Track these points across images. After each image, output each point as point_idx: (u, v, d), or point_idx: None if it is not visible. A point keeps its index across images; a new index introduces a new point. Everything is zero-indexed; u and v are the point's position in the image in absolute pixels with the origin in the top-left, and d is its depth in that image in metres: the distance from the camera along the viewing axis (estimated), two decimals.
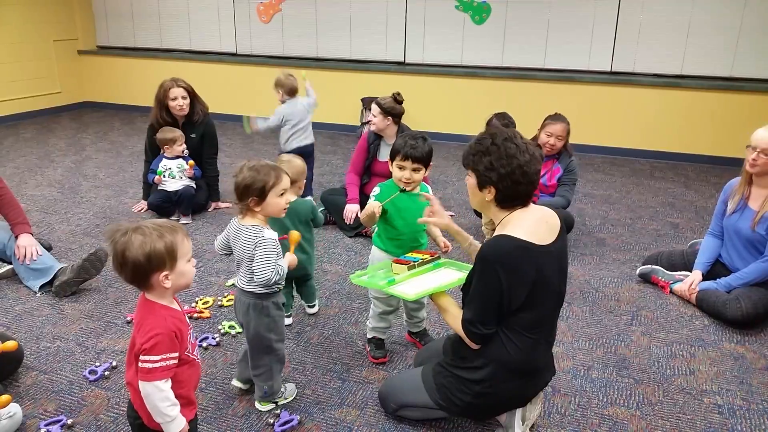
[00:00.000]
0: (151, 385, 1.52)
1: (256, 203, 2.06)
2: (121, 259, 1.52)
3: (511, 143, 1.89)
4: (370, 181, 4.12)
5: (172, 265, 1.55)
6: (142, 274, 1.54)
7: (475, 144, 1.96)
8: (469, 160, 1.97)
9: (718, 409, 2.34)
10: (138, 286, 1.58)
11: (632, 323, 2.96)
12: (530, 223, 1.90)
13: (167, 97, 4.13)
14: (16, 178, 5.07)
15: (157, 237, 1.52)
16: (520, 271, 1.83)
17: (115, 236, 1.53)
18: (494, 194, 1.91)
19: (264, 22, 7.09)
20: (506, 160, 1.86)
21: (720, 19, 5.61)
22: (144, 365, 1.52)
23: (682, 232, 4.17)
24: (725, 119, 5.76)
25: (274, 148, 6.23)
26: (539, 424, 2.22)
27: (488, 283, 1.84)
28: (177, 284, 1.59)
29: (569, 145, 3.83)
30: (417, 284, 2.17)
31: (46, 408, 2.27)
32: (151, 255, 1.51)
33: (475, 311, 1.90)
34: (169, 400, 1.55)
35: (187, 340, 1.61)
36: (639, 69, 5.96)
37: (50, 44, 7.59)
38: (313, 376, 2.50)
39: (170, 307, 1.61)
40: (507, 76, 6.30)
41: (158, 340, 1.51)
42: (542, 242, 1.88)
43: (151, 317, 1.56)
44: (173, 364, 1.55)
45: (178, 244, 1.55)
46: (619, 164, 5.93)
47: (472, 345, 1.95)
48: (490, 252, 1.85)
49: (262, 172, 2.05)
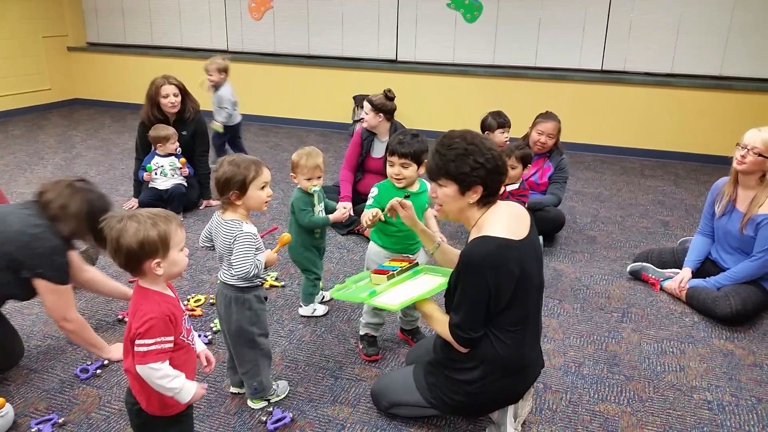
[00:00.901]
0: (147, 367, 1.55)
1: (237, 197, 2.09)
2: (116, 245, 1.56)
3: (480, 138, 1.91)
4: (363, 178, 4.12)
5: (165, 254, 1.59)
6: (135, 261, 1.57)
7: (446, 150, 1.89)
8: (448, 168, 1.89)
9: (708, 405, 2.37)
10: (131, 272, 1.62)
11: (623, 320, 2.99)
12: (504, 219, 1.91)
13: (158, 94, 4.11)
14: (6, 175, 5.03)
15: (150, 225, 1.56)
16: (506, 270, 1.83)
17: (111, 222, 1.57)
18: (480, 193, 1.90)
19: (255, 19, 7.07)
20: (489, 154, 1.87)
21: (710, 18, 5.65)
22: (139, 349, 1.55)
23: (672, 230, 4.20)
24: (715, 118, 5.81)
25: (265, 146, 6.21)
26: (530, 420, 2.23)
27: (475, 287, 1.84)
28: (169, 272, 1.62)
29: (560, 144, 3.85)
30: (399, 293, 2.14)
31: (37, 407, 2.26)
32: (144, 242, 1.55)
33: (464, 316, 1.89)
34: (168, 376, 1.57)
35: (181, 325, 1.63)
36: (630, 67, 5.99)
37: (40, 41, 7.52)
38: (305, 373, 2.50)
39: (164, 293, 1.64)
40: (499, 74, 6.32)
41: (152, 324, 1.54)
42: (519, 237, 1.89)
43: (145, 303, 1.59)
44: (168, 348, 1.57)
45: (171, 233, 1.59)
46: (610, 162, 5.96)
47: (460, 349, 1.95)
48: (474, 256, 1.85)
49: (242, 165, 2.07)
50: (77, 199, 2.25)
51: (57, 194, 2.24)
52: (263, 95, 7.27)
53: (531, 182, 3.85)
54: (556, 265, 3.59)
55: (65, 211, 2.23)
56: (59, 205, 2.23)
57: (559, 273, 3.48)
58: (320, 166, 2.73)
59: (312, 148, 2.77)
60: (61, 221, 2.24)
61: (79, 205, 2.24)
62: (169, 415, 1.69)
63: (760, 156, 2.89)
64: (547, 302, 3.10)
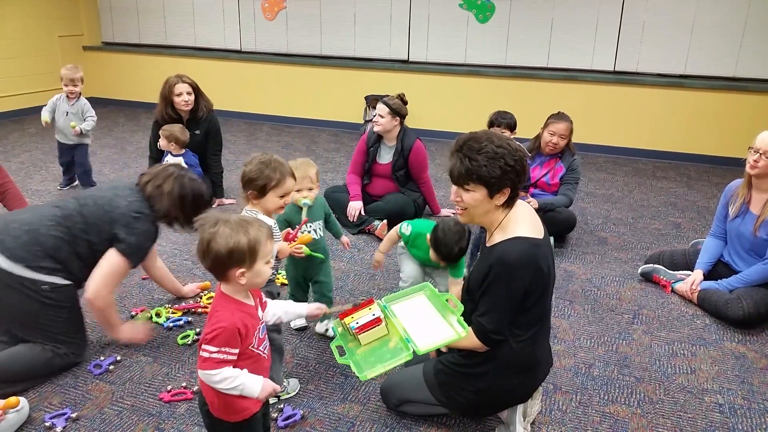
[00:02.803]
0: (203, 373, 1.57)
1: (255, 197, 2.13)
2: (206, 248, 1.57)
3: (506, 140, 1.88)
4: (371, 182, 4.13)
5: (251, 264, 1.58)
6: (221, 267, 1.58)
7: (476, 155, 1.83)
8: (480, 172, 1.83)
9: (719, 407, 2.35)
10: (215, 276, 1.63)
11: (633, 322, 2.98)
12: (527, 219, 1.92)
13: (172, 93, 4.15)
14: (21, 173, 5.10)
15: (242, 234, 1.56)
16: (538, 268, 1.84)
17: (206, 225, 1.59)
18: (507, 195, 1.89)
19: (268, 19, 7.10)
20: (517, 155, 1.86)
21: (724, 19, 5.61)
22: (202, 354, 1.57)
23: (684, 232, 4.18)
24: (729, 119, 5.76)
25: (278, 145, 6.24)
26: (540, 420, 2.23)
27: (512, 288, 1.84)
28: (252, 282, 1.62)
29: (572, 144, 3.84)
30: (415, 332, 1.88)
31: (51, 401, 2.29)
32: (234, 250, 1.55)
33: (499, 319, 1.88)
34: (226, 379, 1.57)
35: (252, 336, 1.63)
36: (642, 68, 5.96)
37: (55, 40, 7.61)
38: (316, 371, 2.51)
39: (242, 302, 1.64)
40: (510, 75, 6.31)
41: (220, 332, 1.55)
42: (542, 235, 1.90)
43: (221, 310, 1.60)
44: (230, 359, 1.57)
45: (261, 244, 1.58)
46: (622, 164, 5.93)
47: (483, 349, 1.94)
48: (510, 257, 1.83)
49: (268, 169, 2.09)
50: (171, 180, 2.46)
51: (154, 176, 2.48)
52: (275, 95, 7.31)
53: (542, 183, 3.84)
54: (567, 266, 3.58)
55: (160, 190, 2.45)
56: (155, 185, 2.46)
57: (570, 274, 3.47)
58: (311, 177, 2.46)
59: (305, 159, 2.52)
60: (156, 201, 2.45)
61: (171, 186, 2.45)
62: (234, 421, 1.67)
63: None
64: (558, 303, 3.10)
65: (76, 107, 4.48)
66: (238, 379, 1.58)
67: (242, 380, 1.59)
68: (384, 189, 4.11)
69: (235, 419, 1.67)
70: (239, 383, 1.58)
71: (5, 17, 7.04)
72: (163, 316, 2.88)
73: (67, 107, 4.47)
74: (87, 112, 4.51)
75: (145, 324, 2.66)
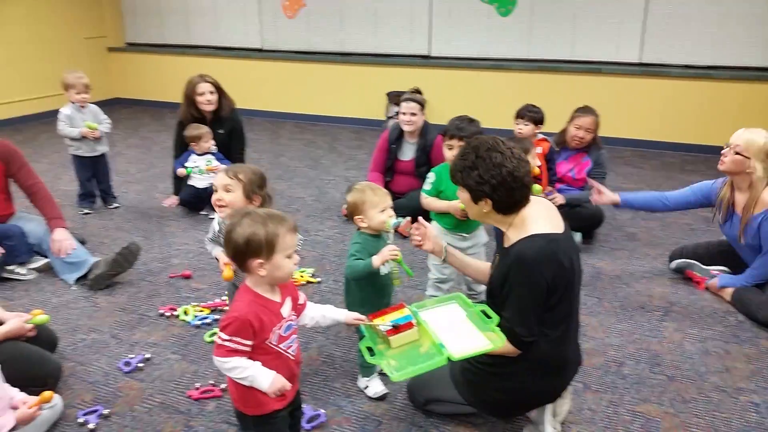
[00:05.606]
0: (215, 359, 1.61)
1: None
2: (227, 237, 1.62)
3: (495, 152, 1.85)
4: (393, 180, 4.12)
5: (269, 256, 1.59)
6: (240, 256, 1.61)
7: (459, 160, 1.92)
8: (457, 176, 1.93)
9: (755, 407, 2.29)
10: (239, 266, 1.65)
11: (664, 319, 2.92)
12: (544, 215, 1.90)
13: (195, 92, 4.17)
14: (50, 174, 5.19)
15: (260, 225, 1.58)
16: (559, 263, 1.81)
17: (234, 216, 1.65)
18: (491, 205, 1.89)
19: (289, 17, 7.12)
20: (495, 171, 1.83)
21: (752, 8, 5.45)
22: (216, 340, 1.61)
23: (714, 227, 4.04)
24: (759, 111, 5.61)
25: (300, 143, 6.25)
26: (570, 420, 2.20)
27: (534, 286, 1.81)
28: (273, 276, 1.62)
29: (598, 138, 3.78)
30: (447, 339, 1.85)
31: (84, 398, 2.32)
32: (250, 240, 1.58)
33: (528, 321, 1.85)
34: (236, 368, 1.60)
35: (269, 331, 1.63)
36: (669, 60, 5.83)
37: (81, 42, 7.73)
38: (342, 369, 2.51)
39: (263, 296, 1.65)
40: (534, 68, 6.23)
41: (231, 321, 1.58)
42: (561, 230, 1.88)
43: (239, 301, 1.64)
44: (242, 350, 1.59)
45: (279, 237, 1.59)
46: (650, 157, 5.82)
47: (515, 353, 1.90)
48: (527, 254, 1.81)
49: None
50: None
51: None
52: (297, 93, 7.33)
53: (569, 178, 3.79)
54: (595, 262, 3.53)
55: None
56: None
57: (598, 270, 3.42)
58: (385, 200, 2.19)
59: (366, 182, 2.27)
60: None
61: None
62: (254, 414, 1.69)
63: (739, 155, 2.83)
64: (587, 300, 3.06)
65: (89, 114, 4.40)
66: (248, 370, 1.60)
67: (252, 372, 1.60)
68: (407, 186, 4.09)
69: (254, 413, 1.68)
70: (249, 374, 1.60)
71: (37, 20, 7.18)
72: (191, 313, 2.91)
73: (82, 116, 4.35)
74: (101, 115, 4.41)
75: None
